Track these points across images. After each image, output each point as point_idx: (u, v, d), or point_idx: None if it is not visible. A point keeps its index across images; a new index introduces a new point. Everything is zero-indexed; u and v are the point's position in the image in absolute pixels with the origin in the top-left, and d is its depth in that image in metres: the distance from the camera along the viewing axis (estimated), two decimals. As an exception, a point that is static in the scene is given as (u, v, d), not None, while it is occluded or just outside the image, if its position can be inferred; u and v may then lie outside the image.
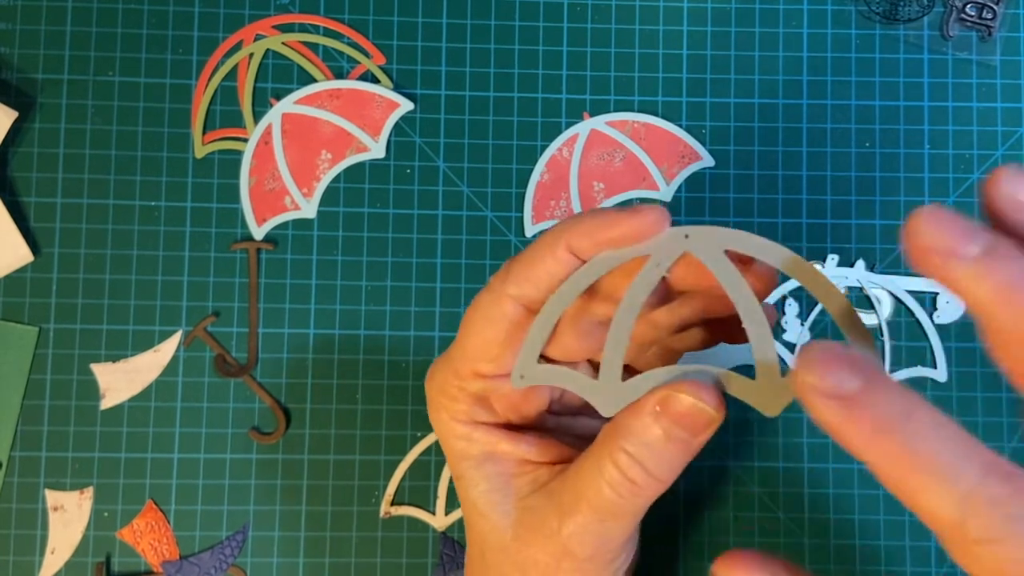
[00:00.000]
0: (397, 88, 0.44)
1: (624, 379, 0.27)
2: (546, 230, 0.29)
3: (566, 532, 0.28)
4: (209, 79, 0.44)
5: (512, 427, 0.31)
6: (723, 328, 0.30)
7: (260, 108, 0.44)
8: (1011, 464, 0.21)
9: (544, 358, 0.30)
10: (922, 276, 0.23)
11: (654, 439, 0.27)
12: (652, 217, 0.26)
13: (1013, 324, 0.21)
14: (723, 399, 0.27)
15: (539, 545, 0.29)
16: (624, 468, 0.27)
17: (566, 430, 0.33)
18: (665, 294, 0.30)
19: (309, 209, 0.43)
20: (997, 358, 0.22)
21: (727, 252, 0.26)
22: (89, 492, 0.42)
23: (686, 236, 0.26)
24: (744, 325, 0.26)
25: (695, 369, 0.26)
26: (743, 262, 0.27)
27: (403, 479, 0.43)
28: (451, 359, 0.31)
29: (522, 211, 0.44)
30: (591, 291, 0.29)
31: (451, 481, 0.43)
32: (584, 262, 0.28)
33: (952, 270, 0.22)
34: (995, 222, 0.24)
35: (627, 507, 0.28)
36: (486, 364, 0.29)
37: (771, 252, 0.26)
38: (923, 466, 0.21)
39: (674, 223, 0.27)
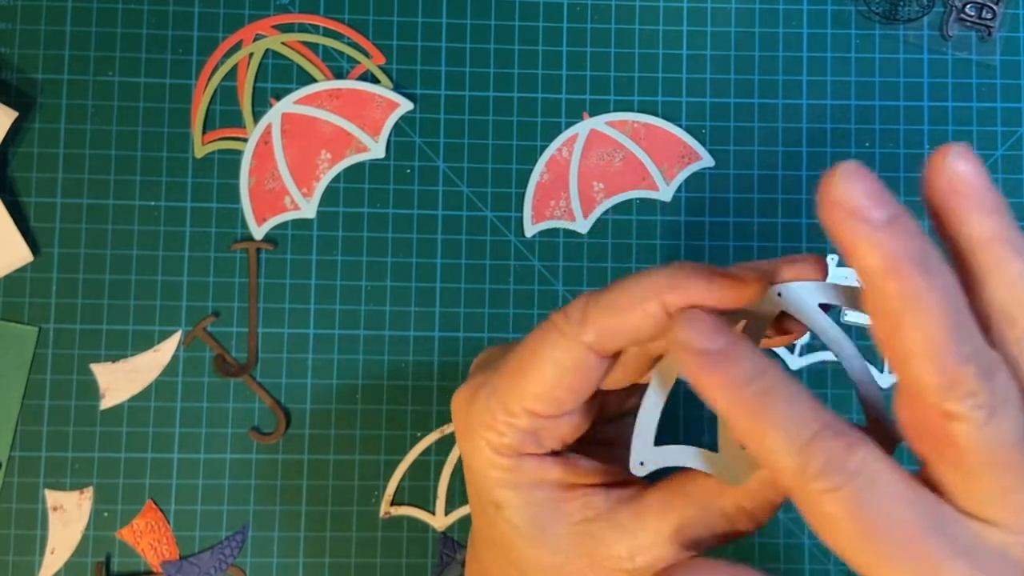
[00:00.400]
0: (397, 88, 0.44)
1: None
2: (631, 278, 0.27)
3: (640, 563, 0.29)
4: (209, 79, 0.44)
5: (555, 452, 0.31)
6: None
7: (260, 108, 0.44)
8: (849, 424, 0.23)
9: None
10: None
11: (777, 498, 0.28)
12: (758, 287, 0.26)
13: (893, 297, 0.22)
14: None
15: (600, 570, 0.29)
16: (734, 522, 0.28)
17: (587, 438, 0.33)
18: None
19: (309, 209, 0.43)
20: (872, 327, 0.23)
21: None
22: (89, 492, 0.42)
23: (779, 295, 0.27)
24: (848, 373, 0.27)
25: None
26: (782, 330, 0.28)
27: (403, 479, 0.43)
28: (499, 393, 0.29)
29: (522, 211, 0.44)
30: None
31: (450, 481, 0.43)
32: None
33: (852, 230, 0.22)
34: (927, 200, 0.24)
35: (713, 547, 0.29)
36: (546, 406, 0.29)
37: (856, 295, 0.27)
38: (768, 416, 0.23)
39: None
